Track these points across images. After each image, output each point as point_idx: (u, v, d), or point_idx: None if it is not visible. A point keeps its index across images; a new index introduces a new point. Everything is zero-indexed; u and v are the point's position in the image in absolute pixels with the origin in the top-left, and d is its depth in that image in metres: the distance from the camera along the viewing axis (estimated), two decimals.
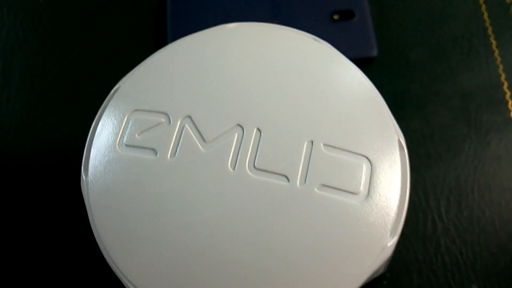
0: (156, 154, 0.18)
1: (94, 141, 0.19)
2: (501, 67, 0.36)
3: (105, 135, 0.18)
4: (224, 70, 0.19)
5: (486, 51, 0.37)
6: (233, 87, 0.18)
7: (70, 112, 0.36)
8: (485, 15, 0.38)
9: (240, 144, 0.18)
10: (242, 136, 0.18)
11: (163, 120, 0.18)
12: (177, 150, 0.18)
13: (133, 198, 0.17)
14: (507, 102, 0.35)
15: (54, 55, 0.38)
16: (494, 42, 0.37)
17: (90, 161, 0.18)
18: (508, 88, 0.36)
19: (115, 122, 0.18)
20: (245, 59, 0.19)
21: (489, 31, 0.38)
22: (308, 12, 0.37)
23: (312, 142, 0.18)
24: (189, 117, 0.18)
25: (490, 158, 0.34)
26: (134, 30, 0.38)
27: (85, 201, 0.18)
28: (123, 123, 0.18)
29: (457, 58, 0.37)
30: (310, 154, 0.18)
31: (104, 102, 0.20)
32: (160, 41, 0.38)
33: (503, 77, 0.36)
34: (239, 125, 0.18)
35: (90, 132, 0.19)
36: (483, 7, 0.38)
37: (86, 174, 0.18)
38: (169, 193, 0.17)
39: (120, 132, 0.18)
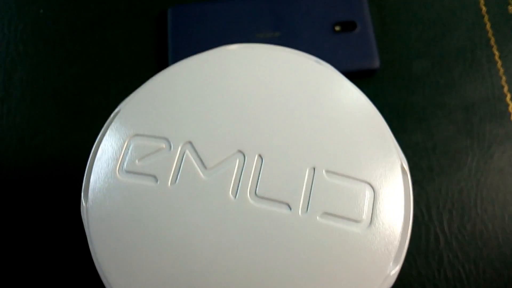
0: (157, 181, 0.18)
1: (94, 167, 0.19)
2: (504, 78, 0.36)
3: (105, 160, 0.18)
4: (225, 94, 0.19)
5: (489, 62, 0.37)
6: (234, 111, 0.18)
7: (71, 125, 0.36)
8: (488, 26, 0.38)
9: (242, 171, 0.17)
10: (244, 163, 0.18)
11: (164, 145, 0.18)
12: (178, 177, 0.18)
13: (134, 225, 0.17)
14: (510, 114, 0.35)
15: (54, 67, 0.38)
16: (496, 53, 0.37)
17: (90, 187, 0.18)
18: (511, 99, 0.36)
19: (115, 147, 0.18)
20: (246, 83, 0.19)
21: (492, 41, 0.37)
22: (309, 24, 0.37)
23: (314, 168, 0.18)
24: (190, 143, 0.18)
25: (493, 171, 0.34)
26: (135, 42, 0.38)
27: (85, 227, 0.18)
28: (123, 148, 0.18)
29: (460, 69, 0.36)
30: (312, 181, 0.17)
31: (104, 126, 0.19)
32: (161, 53, 0.38)
33: (506, 88, 0.36)
34: (240, 151, 0.17)
35: (90, 156, 0.19)
36: (486, 17, 0.38)
37: (86, 201, 0.18)
38: (170, 221, 0.17)
39: (120, 158, 0.18)
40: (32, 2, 0.40)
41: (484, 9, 0.38)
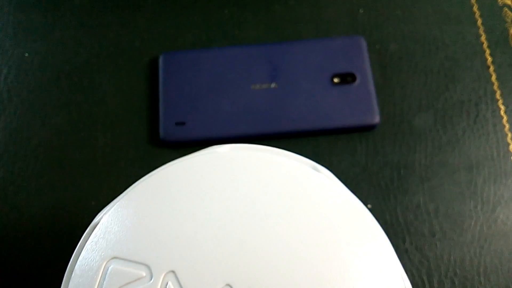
0: None
1: None
2: (509, 135, 0.35)
3: (81, 284, 0.17)
4: (214, 210, 0.17)
5: (494, 118, 0.35)
6: (223, 236, 0.17)
7: (56, 181, 0.34)
8: (493, 77, 0.36)
9: None
10: None
11: (144, 274, 0.16)
12: None
13: None
14: None
15: (39, 117, 0.36)
16: (502, 107, 0.35)
17: None
18: None
19: (91, 271, 0.17)
20: (237, 196, 0.17)
21: (498, 94, 0.36)
22: (306, 75, 0.35)
23: None
24: (173, 272, 0.16)
25: (498, 236, 0.32)
26: (124, 90, 0.36)
27: None
28: (100, 273, 0.17)
29: (464, 125, 0.35)
30: None
31: (82, 240, 0.18)
32: (152, 102, 0.36)
33: None
34: (228, 285, 0.16)
35: (66, 275, 0.17)
36: (491, 68, 0.37)
37: None
38: None
39: (97, 285, 0.16)
40: (16, 45, 0.38)
41: (490, 59, 0.37)
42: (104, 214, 0.18)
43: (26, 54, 0.38)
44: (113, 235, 0.17)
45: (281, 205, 0.17)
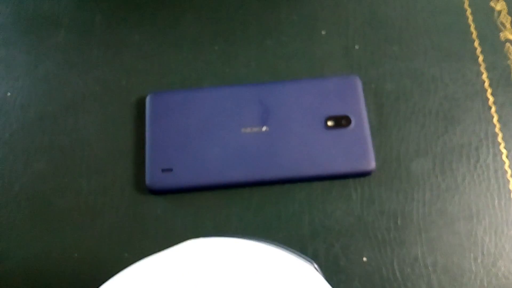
0: None
1: None
2: (511, 181, 0.33)
3: None
4: None
5: (495, 163, 0.34)
6: None
7: (38, 230, 0.33)
8: (495, 119, 0.35)
9: None
10: None
11: None
12: None
13: None
14: None
15: (21, 162, 0.34)
16: (504, 152, 0.34)
17: None
18: None
19: None
20: None
21: (499, 137, 0.34)
22: (299, 117, 0.34)
23: None
24: None
25: None
26: (110, 132, 0.35)
27: None
28: None
29: (464, 170, 0.33)
30: None
31: None
32: (138, 145, 0.34)
33: None
34: None
35: None
36: (493, 109, 0.35)
37: None
38: None
39: None
40: None
41: (491, 99, 0.35)
42: None
43: (9, 93, 0.36)
44: None
45: None
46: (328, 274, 0.31)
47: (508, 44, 0.37)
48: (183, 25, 0.38)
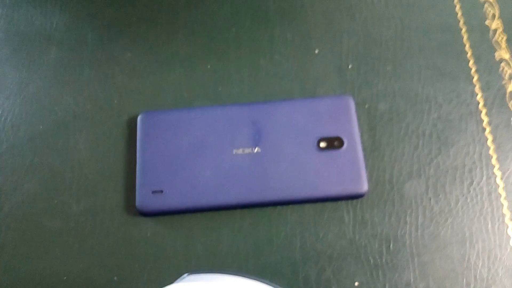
0: None
1: None
2: (505, 204, 0.33)
3: None
4: None
5: (489, 186, 0.33)
6: None
7: (26, 252, 0.32)
8: (489, 140, 0.34)
9: None
10: None
11: None
12: None
13: None
14: (511, 248, 0.32)
15: (11, 182, 0.34)
16: (498, 174, 0.33)
17: None
18: None
19: None
20: None
21: (494, 159, 0.34)
22: (292, 138, 0.34)
23: None
24: None
25: None
26: (101, 151, 0.35)
27: None
28: None
29: (457, 193, 0.33)
30: None
31: None
32: (129, 165, 0.34)
33: (508, 216, 0.33)
34: None
35: None
36: (487, 130, 0.35)
37: None
38: None
39: None
40: None
41: (486, 120, 0.35)
42: None
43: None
44: None
45: None
46: None
47: (503, 64, 0.36)
48: (176, 43, 0.37)
